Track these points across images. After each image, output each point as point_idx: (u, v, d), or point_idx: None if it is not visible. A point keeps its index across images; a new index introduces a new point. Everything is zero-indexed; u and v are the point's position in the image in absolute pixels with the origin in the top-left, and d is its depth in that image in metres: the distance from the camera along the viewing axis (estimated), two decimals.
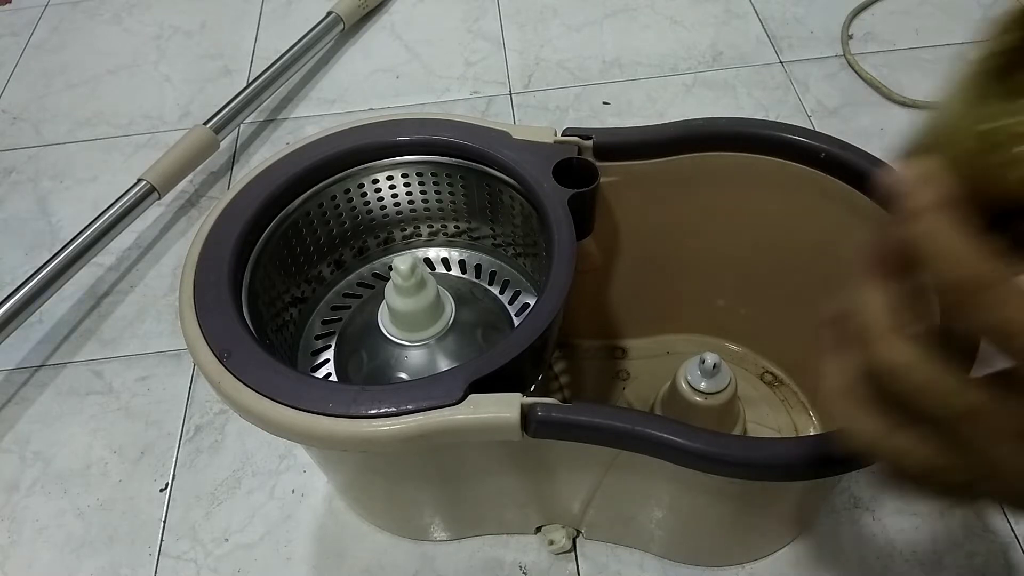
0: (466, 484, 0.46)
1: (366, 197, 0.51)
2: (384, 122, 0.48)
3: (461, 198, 0.51)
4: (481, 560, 0.52)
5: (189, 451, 0.59)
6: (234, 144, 0.81)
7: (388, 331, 0.46)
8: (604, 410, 0.36)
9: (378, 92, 0.86)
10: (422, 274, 0.44)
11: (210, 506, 0.56)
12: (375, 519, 0.54)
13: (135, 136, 0.83)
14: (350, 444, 0.36)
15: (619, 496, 0.45)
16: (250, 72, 0.89)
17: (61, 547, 0.55)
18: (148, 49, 0.94)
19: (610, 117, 0.80)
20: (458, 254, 0.55)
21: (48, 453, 0.59)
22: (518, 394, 0.36)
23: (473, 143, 0.47)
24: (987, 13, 0.86)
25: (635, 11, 0.91)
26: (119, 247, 0.72)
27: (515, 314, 0.51)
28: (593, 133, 0.46)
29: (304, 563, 0.53)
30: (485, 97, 0.83)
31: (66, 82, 0.90)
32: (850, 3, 0.88)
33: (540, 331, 0.38)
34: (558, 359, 0.59)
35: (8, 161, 0.82)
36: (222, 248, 0.42)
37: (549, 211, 0.43)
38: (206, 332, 0.39)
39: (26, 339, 0.66)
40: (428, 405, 0.35)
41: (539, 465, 0.43)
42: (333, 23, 0.88)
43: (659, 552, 0.51)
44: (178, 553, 0.54)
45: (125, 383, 0.63)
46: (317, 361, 0.50)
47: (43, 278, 0.64)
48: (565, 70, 0.85)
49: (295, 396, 0.36)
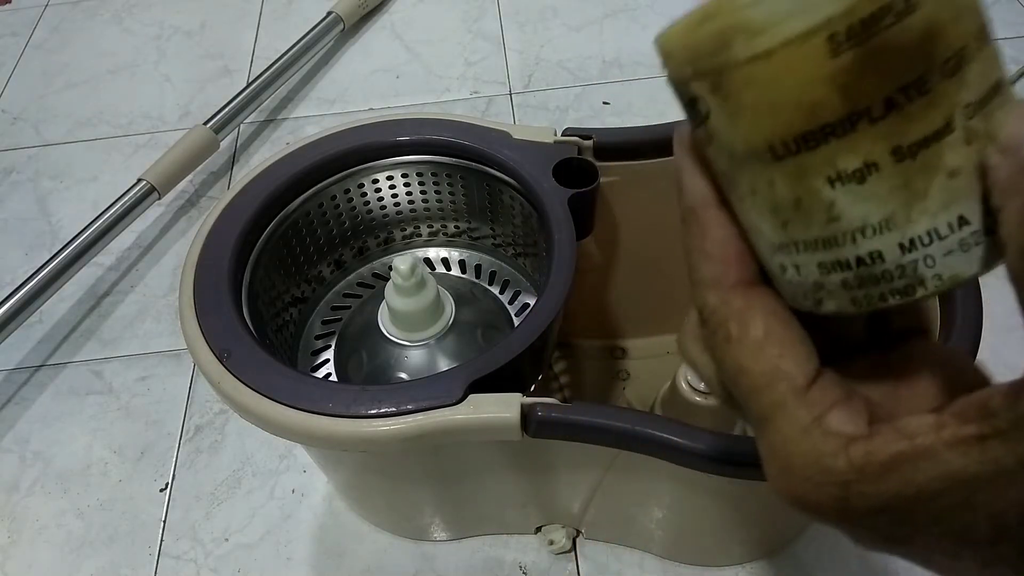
0: (466, 484, 0.46)
1: (366, 197, 0.51)
2: (384, 122, 0.48)
3: (461, 198, 0.51)
4: (481, 560, 0.52)
5: (189, 451, 0.59)
6: (234, 144, 0.81)
7: (388, 331, 0.46)
8: (604, 410, 0.36)
9: (378, 92, 0.86)
10: (422, 274, 0.44)
11: (210, 506, 0.56)
12: (375, 519, 0.54)
13: (135, 136, 0.83)
14: (350, 444, 0.36)
15: (619, 496, 0.45)
16: (250, 72, 0.89)
17: (61, 547, 0.55)
18: (148, 49, 0.94)
19: (610, 117, 0.80)
20: (458, 254, 0.55)
21: (48, 453, 0.59)
22: (518, 394, 0.36)
23: (473, 143, 0.47)
24: (987, 13, 0.86)
25: (635, 11, 0.91)
26: (119, 247, 0.72)
27: (515, 314, 0.51)
28: (593, 133, 0.46)
29: (304, 563, 0.53)
30: (485, 97, 0.83)
31: (66, 82, 0.90)
32: None
33: (540, 331, 0.38)
34: (558, 359, 0.59)
35: (8, 161, 0.82)
36: (222, 248, 0.42)
37: (549, 211, 0.43)
38: (206, 332, 0.39)
39: (26, 339, 0.66)
40: (428, 405, 0.35)
41: (539, 465, 0.43)
42: (333, 23, 0.88)
43: (659, 552, 0.51)
44: (178, 553, 0.54)
45: (125, 383, 0.63)
46: (317, 361, 0.50)
47: (43, 278, 0.64)
48: (565, 70, 0.85)
49: (295, 396, 0.36)
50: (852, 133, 0.15)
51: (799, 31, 0.14)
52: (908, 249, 0.16)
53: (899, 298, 0.16)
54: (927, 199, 0.15)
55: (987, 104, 0.15)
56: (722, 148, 0.17)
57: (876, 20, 0.14)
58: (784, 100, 0.15)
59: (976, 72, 0.15)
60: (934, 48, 0.15)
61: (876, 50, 0.14)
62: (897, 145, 0.15)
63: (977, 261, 0.16)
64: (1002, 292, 0.61)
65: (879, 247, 0.16)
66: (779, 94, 0.15)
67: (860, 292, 0.16)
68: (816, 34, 0.14)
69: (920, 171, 0.15)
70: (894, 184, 0.15)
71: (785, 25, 0.14)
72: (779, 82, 0.15)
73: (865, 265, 0.16)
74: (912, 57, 0.14)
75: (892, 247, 0.16)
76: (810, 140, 0.15)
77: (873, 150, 0.15)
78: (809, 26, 0.14)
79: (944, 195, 0.15)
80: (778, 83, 0.15)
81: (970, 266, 0.16)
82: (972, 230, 0.15)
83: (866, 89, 0.15)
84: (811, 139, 0.15)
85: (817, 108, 0.15)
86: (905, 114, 0.15)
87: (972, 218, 0.15)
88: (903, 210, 0.15)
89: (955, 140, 0.15)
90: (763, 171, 0.16)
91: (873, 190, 0.15)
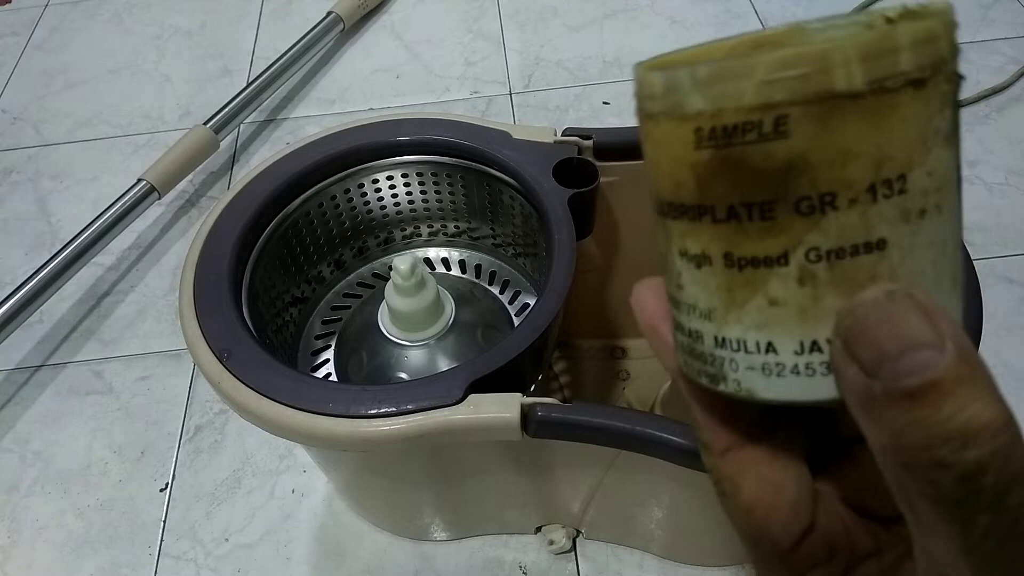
0: (466, 484, 0.46)
1: (366, 197, 0.51)
2: (384, 122, 0.48)
3: (461, 198, 0.51)
4: (481, 560, 0.52)
5: (189, 451, 0.59)
6: (234, 144, 0.81)
7: (388, 331, 0.46)
8: (604, 410, 0.36)
9: (378, 92, 0.86)
10: (422, 274, 0.44)
11: (210, 506, 0.56)
12: (375, 519, 0.54)
13: (135, 136, 0.83)
14: (350, 444, 0.36)
15: (619, 496, 0.45)
16: (250, 72, 0.89)
17: (61, 547, 0.55)
18: (148, 49, 0.94)
19: (610, 117, 0.80)
20: (458, 254, 0.55)
21: (48, 453, 0.59)
22: (518, 394, 0.36)
23: (473, 143, 0.47)
24: (987, 13, 0.86)
25: (635, 11, 0.91)
26: (119, 247, 0.72)
27: (515, 314, 0.51)
28: (593, 133, 0.46)
29: (304, 563, 0.53)
30: (485, 97, 0.83)
31: (66, 82, 0.90)
32: (850, 3, 0.88)
33: (540, 331, 0.38)
34: (558, 359, 0.59)
35: (8, 161, 0.82)
36: (222, 248, 0.42)
37: (549, 211, 0.43)
38: (206, 332, 0.39)
39: (26, 339, 0.66)
40: (428, 405, 0.35)
41: (539, 465, 0.43)
42: (333, 23, 0.88)
43: (659, 552, 0.51)
44: (178, 553, 0.54)
45: (125, 383, 0.63)
46: (317, 361, 0.50)
47: (43, 278, 0.64)
48: (565, 70, 0.85)
49: (295, 396, 0.36)
50: (698, 222, 0.15)
51: (678, 111, 0.15)
52: (719, 344, 0.16)
53: (708, 382, 0.17)
54: (743, 311, 0.15)
55: (844, 259, 0.14)
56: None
57: (738, 132, 0.14)
58: (663, 164, 0.16)
59: (844, 223, 0.14)
60: (791, 182, 0.14)
61: (730, 159, 0.14)
62: (729, 252, 0.15)
63: (776, 389, 0.16)
64: (1002, 292, 0.61)
65: (701, 329, 0.16)
66: (661, 157, 0.16)
67: (690, 360, 0.17)
68: (688, 120, 0.15)
69: (743, 284, 0.15)
70: (720, 283, 0.15)
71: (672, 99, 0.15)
72: (661, 147, 0.16)
73: (692, 338, 0.17)
74: (763, 180, 0.14)
75: (709, 335, 0.16)
76: (672, 211, 0.16)
77: (710, 246, 0.15)
78: (685, 111, 0.15)
79: (759, 316, 0.15)
80: (661, 148, 0.16)
81: (768, 390, 0.16)
82: (777, 360, 0.15)
83: (715, 189, 0.15)
84: (673, 210, 0.16)
85: (679, 186, 0.15)
86: (743, 228, 0.15)
87: (781, 349, 0.15)
88: (722, 309, 0.16)
89: (786, 274, 0.15)
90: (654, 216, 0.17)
91: (704, 279, 0.16)
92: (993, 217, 0.68)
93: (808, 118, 0.14)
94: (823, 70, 0.13)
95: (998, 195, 0.70)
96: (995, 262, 0.65)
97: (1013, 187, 0.71)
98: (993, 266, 0.65)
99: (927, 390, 0.13)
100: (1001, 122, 0.76)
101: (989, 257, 0.66)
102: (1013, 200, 0.70)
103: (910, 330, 0.13)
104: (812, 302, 0.15)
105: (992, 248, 0.66)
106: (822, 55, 0.13)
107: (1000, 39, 0.83)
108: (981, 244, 0.66)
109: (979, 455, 0.12)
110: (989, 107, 0.77)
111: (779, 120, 0.14)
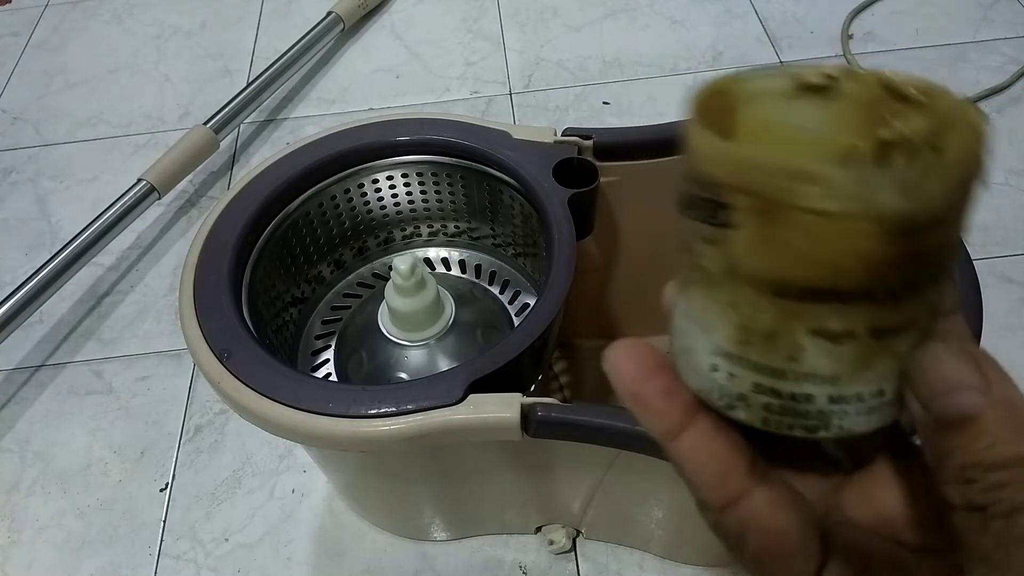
0: (466, 484, 0.46)
1: (366, 197, 0.51)
2: (384, 122, 0.48)
3: (461, 198, 0.51)
4: (481, 560, 0.52)
5: (189, 451, 0.59)
6: (234, 144, 0.81)
7: (388, 331, 0.46)
8: (604, 410, 0.36)
9: (378, 92, 0.86)
10: (422, 274, 0.44)
11: (210, 506, 0.56)
12: (375, 519, 0.54)
13: (135, 136, 0.83)
14: (350, 444, 0.36)
15: (619, 496, 0.45)
16: (250, 72, 0.89)
17: (61, 547, 0.55)
18: (148, 49, 0.94)
19: (610, 117, 0.80)
20: (458, 254, 0.55)
21: (48, 453, 0.59)
22: (518, 394, 0.36)
23: (473, 143, 0.47)
24: (987, 13, 0.86)
25: (635, 11, 0.91)
26: (119, 247, 0.72)
27: (515, 314, 0.51)
28: (593, 133, 0.46)
29: (304, 563, 0.53)
30: (485, 97, 0.83)
31: (66, 82, 0.90)
32: (850, 3, 0.88)
33: (540, 331, 0.38)
34: (558, 359, 0.59)
35: (8, 161, 0.82)
36: (222, 248, 0.42)
37: (549, 211, 0.43)
38: (206, 332, 0.39)
39: (26, 339, 0.66)
40: (428, 405, 0.35)
41: (539, 465, 0.43)
42: (333, 23, 0.88)
43: (659, 552, 0.51)
44: (178, 553, 0.54)
45: (125, 383, 0.63)
46: (317, 361, 0.50)
47: (43, 278, 0.64)
48: (565, 70, 0.85)
49: (295, 396, 0.36)
50: (852, 304, 0.16)
51: (871, 212, 0.15)
52: (834, 401, 0.17)
53: (801, 432, 0.18)
54: (870, 370, 0.17)
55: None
56: (726, 257, 0.17)
57: (925, 229, 0.15)
58: (818, 256, 0.16)
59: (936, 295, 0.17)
60: (941, 259, 0.17)
61: (911, 252, 0.16)
62: (876, 327, 0.16)
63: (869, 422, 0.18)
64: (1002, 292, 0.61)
65: (814, 392, 0.17)
66: (817, 250, 0.16)
67: (775, 417, 0.18)
68: (882, 220, 0.15)
69: (879, 351, 0.17)
70: (857, 353, 0.17)
71: (861, 199, 0.15)
72: (824, 241, 0.16)
73: (795, 401, 0.17)
74: (925, 265, 0.16)
75: (824, 396, 0.17)
76: (818, 296, 0.16)
77: (859, 324, 0.16)
78: (881, 212, 0.15)
79: (882, 370, 0.17)
80: (822, 241, 0.16)
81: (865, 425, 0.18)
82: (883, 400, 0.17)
83: (887, 277, 0.16)
84: (819, 296, 0.16)
85: (841, 276, 0.16)
86: (898, 306, 0.16)
87: (888, 390, 0.17)
88: (849, 373, 0.17)
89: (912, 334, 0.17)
90: (756, 296, 0.17)
91: (839, 352, 0.17)
92: (993, 217, 0.68)
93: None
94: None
95: (998, 195, 0.70)
96: (995, 262, 0.65)
97: (1013, 187, 0.71)
98: (993, 266, 0.65)
99: (966, 423, 0.15)
100: (1001, 122, 0.76)
101: (989, 257, 0.66)
102: (1013, 200, 0.70)
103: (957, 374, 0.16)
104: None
105: (992, 248, 0.66)
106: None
107: (1000, 39, 0.83)
108: (981, 244, 0.66)
109: (999, 478, 0.15)
110: (989, 107, 0.77)
111: (953, 213, 0.16)
